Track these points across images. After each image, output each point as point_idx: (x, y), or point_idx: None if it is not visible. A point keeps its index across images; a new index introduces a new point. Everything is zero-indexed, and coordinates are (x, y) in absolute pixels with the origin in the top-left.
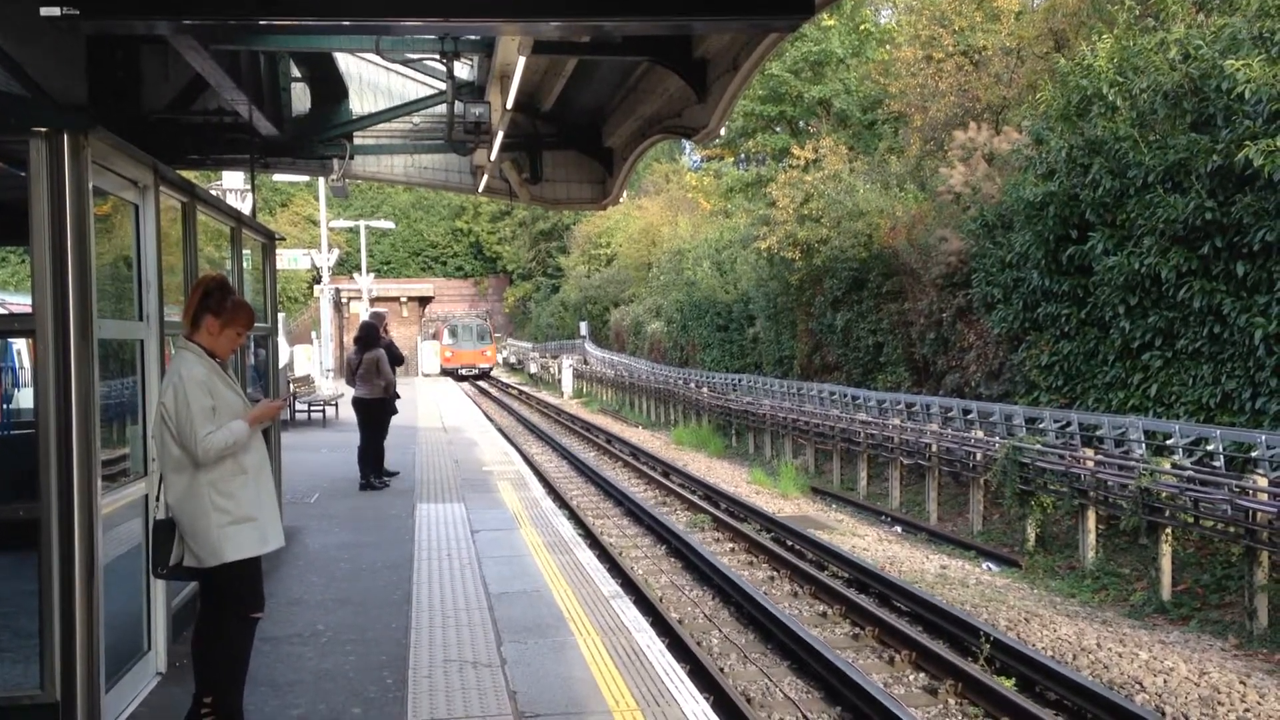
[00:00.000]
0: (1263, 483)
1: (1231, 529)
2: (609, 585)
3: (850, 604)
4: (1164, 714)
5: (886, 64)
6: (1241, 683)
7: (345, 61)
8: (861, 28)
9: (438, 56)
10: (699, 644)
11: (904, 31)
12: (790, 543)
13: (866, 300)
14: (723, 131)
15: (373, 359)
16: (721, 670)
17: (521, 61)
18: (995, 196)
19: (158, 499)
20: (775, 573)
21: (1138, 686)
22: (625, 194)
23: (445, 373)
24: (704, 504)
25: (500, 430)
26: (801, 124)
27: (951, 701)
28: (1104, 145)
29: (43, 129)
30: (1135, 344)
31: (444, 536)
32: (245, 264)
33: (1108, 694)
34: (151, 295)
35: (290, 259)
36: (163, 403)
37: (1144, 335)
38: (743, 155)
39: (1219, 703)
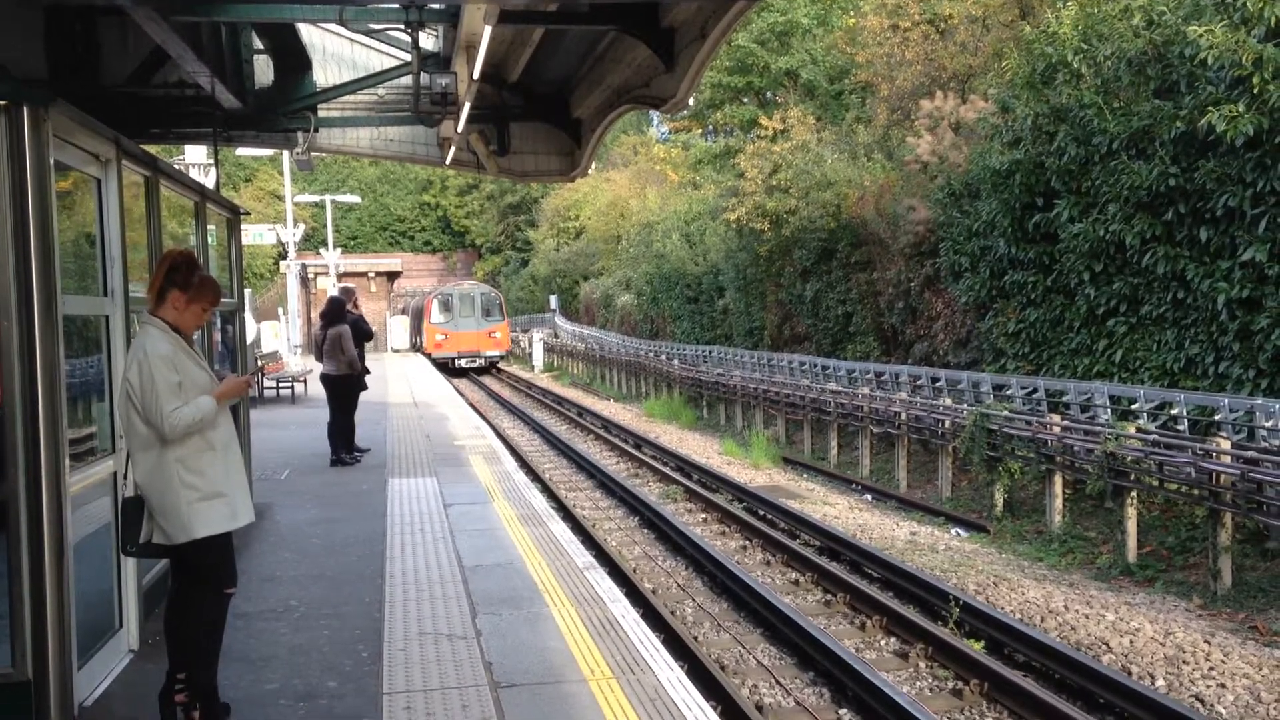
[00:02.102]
0: (1226, 445)
1: (1195, 492)
2: (583, 557)
3: (822, 571)
4: (1130, 673)
5: (852, 34)
6: (1206, 642)
7: (308, 33)
8: None
9: (402, 27)
10: (673, 613)
11: (870, 1)
12: (762, 512)
13: (835, 270)
14: (691, 101)
15: (336, 334)
16: (695, 639)
17: (488, 31)
18: (962, 165)
19: (126, 476)
20: (747, 542)
21: (1104, 647)
22: (593, 166)
23: (434, 362)
24: (676, 475)
25: (471, 405)
26: (768, 95)
27: (922, 665)
28: (1069, 113)
29: (2, 102)
30: (1100, 310)
31: (417, 511)
32: (210, 239)
33: (1075, 655)
34: (116, 271)
35: (255, 234)
36: (127, 379)
37: (1109, 301)
38: (710, 127)
39: (1184, 662)
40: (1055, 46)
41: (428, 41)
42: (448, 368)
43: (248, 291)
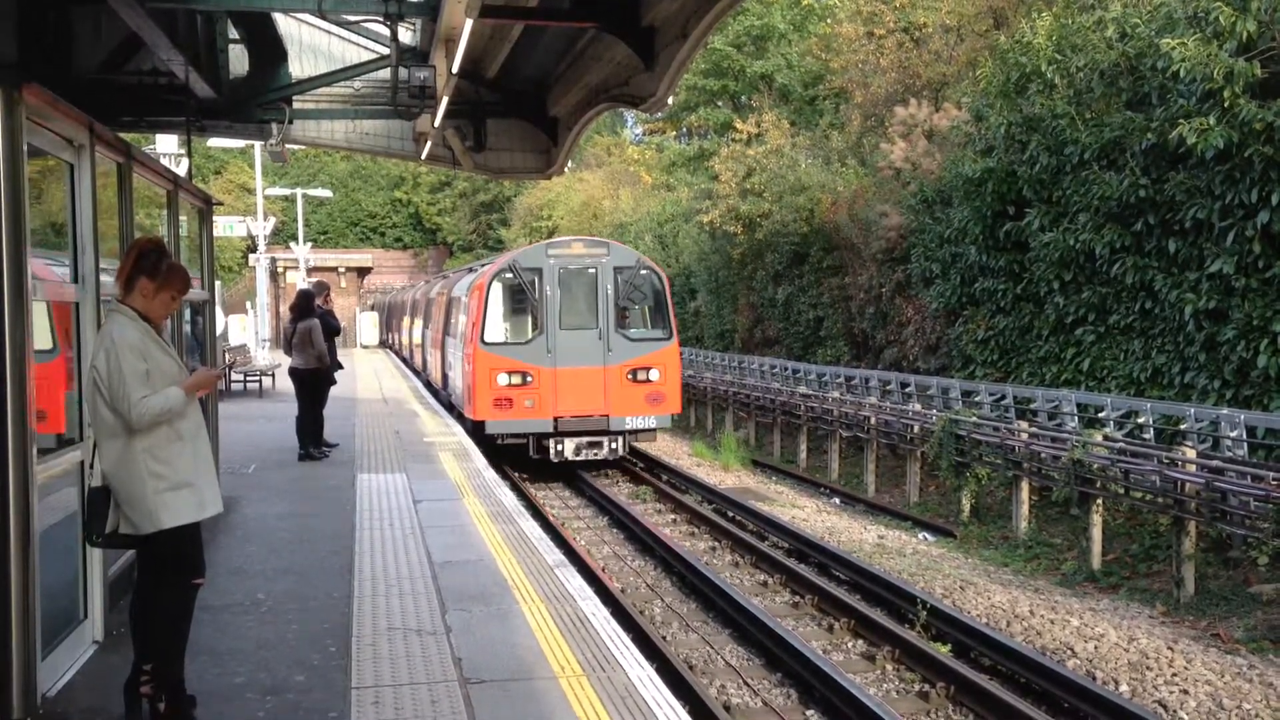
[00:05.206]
0: (1191, 454)
1: (1160, 500)
2: (553, 555)
3: (790, 573)
4: (1095, 679)
5: (828, 40)
6: (1169, 649)
7: (285, 23)
8: (803, 3)
9: (381, 19)
10: (641, 613)
11: (845, 7)
12: (731, 514)
13: (807, 274)
14: (670, 100)
15: (305, 329)
16: (664, 638)
17: (469, 25)
18: (935, 173)
19: (92, 466)
20: (716, 543)
21: (1069, 652)
22: (568, 165)
23: (486, 441)
24: (646, 476)
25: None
26: (744, 99)
27: (889, 667)
28: (1042, 122)
29: None
30: (1069, 319)
31: (386, 506)
32: (181, 229)
33: (1040, 659)
34: (87, 258)
35: (224, 227)
36: (94, 366)
37: (1077, 310)
38: (684, 129)
39: (1147, 668)
40: (1029, 57)
41: (405, 35)
42: (525, 453)
43: (216, 284)
